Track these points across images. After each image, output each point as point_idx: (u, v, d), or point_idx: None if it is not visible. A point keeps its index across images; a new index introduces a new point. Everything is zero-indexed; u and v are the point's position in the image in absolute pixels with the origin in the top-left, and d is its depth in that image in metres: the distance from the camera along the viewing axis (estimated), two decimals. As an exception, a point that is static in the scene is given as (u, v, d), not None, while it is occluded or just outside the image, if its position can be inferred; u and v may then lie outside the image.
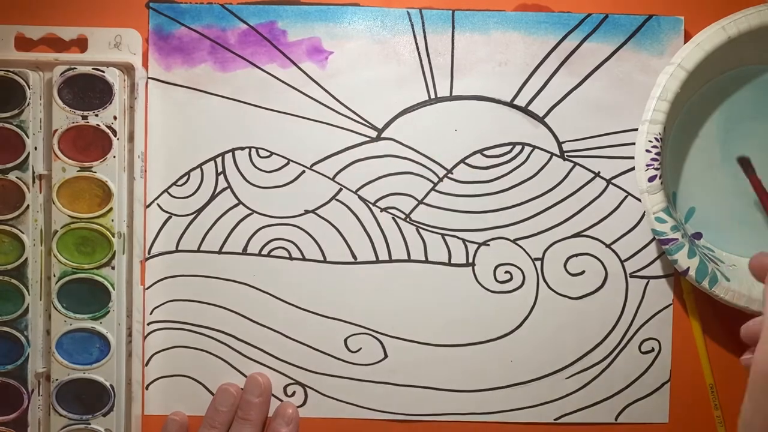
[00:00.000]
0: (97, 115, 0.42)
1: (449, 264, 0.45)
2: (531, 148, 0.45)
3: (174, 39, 0.44)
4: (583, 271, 0.45)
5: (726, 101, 0.45)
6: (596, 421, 0.45)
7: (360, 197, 0.45)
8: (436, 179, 0.45)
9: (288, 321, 0.45)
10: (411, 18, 0.45)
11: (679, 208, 0.45)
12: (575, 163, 0.45)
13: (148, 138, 0.45)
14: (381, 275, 0.45)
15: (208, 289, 0.45)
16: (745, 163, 0.45)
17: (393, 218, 0.45)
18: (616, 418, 0.45)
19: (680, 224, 0.43)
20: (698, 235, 0.45)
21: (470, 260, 0.45)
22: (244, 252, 0.45)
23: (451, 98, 0.45)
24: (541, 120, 0.45)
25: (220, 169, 0.45)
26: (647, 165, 0.41)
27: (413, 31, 0.45)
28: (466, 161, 0.45)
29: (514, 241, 0.45)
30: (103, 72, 0.42)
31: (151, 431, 0.45)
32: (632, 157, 0.44)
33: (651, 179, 0.41)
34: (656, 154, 0.41)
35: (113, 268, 0.43)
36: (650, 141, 0.41)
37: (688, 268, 0.42)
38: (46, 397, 0.44)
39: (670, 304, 0.45)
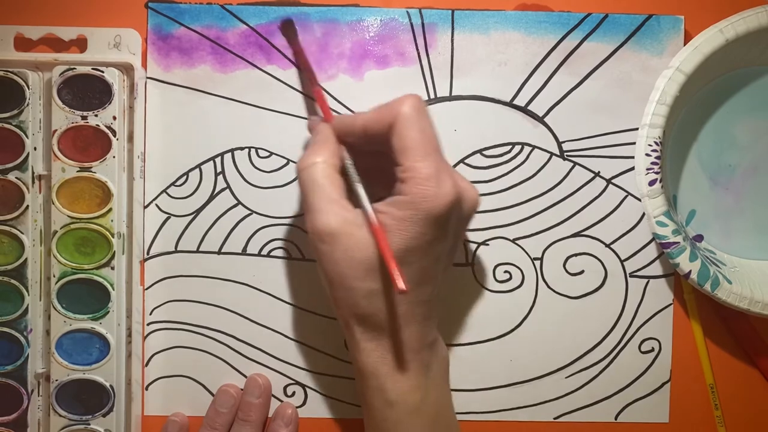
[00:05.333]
0: (96, 116, 0.42)
1: (449, 264, 0.45)
2: (531, 148, 0.45)
3: (173, 39, 0.44)
4: (583, 271, 0.45)
5: (725, 103, 0.45)
6: (596, 420, 0.45)
7: (360, 197, 0.45)
8: (435, 179, 0.45)
9: (288, 321, 0.45)
10: (411, 18, 0.44)
11: (679, 210, 0.45)
12: (575, 163, 0.45)
13: (147, 138, 0.44)
14: (381, 275, 0.45)
15: (207, 289, 0.45)
16: (288, 28, 0.43)
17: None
18: (615, 418, 0.45)
19: (681, 227, 0.43)
20: (699, 238, 0.45)
21: (470, 260, 0.45)
22: (244, 252, 0.45)
23: (451, 98, 0.45)
24: (540, 120, 0.45)
25: (219, 170, 0.45)
26: (647, 169, 0.41)
27: (413, 31, 0.44)
28: (466, 161, 0.45)
29: (513, 241, 0.45)
30: (103, 72, 0.42)
31: None
32: (632, 157, 0.44)
33: (651, 183, 0.41)
34: (656, 157, 0.41)
35: (113, 268, 0.43)
36: (650, 145, 0.41)
37: (690, 271, 0.42)
38: (45, 398, 0.44)
39: (670, 304, 0.45)
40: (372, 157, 0.38)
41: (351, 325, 0.37)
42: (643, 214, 0.45)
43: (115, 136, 0.42)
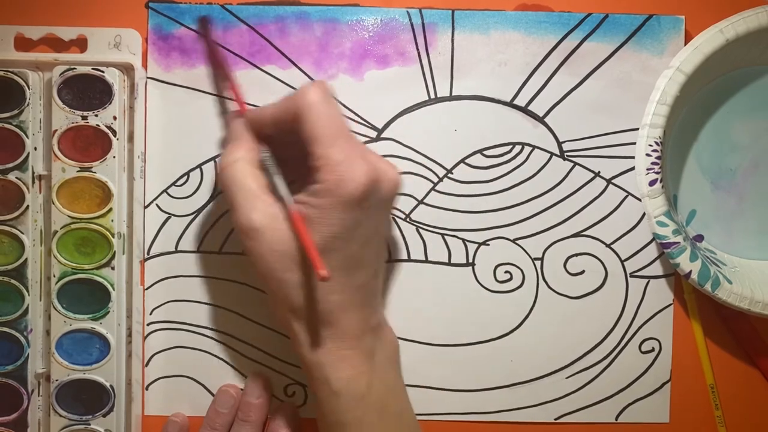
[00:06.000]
0: (96, 116, 0.42)
1: (449, 264, 0.45)
2: (531, 148, 0.45)
3: (174, 39, 0.44)
4: (583, 271, 0.45)
5: (725, 103, 0.45)
6: (596, 420, 0.45)
7: (360, 197, 0.45)
8: (436, 179, 0.45)
9: (288, 321, 0.45)
10: (411, 18, 0.44)
11: (680, 210, 0.45)
12: (575, 163, 0.45)
13: (147, 138, 0.44)
14: (381, 275, 0.45)
15: (207, 289, 0.45)
16: (204, 24, 0.43)
17: (393, 218, 0.45)
18: (616, 418, 0.45)
19: (681, 227, 0.43)
20: (700, 238, 0.45)
21: (470, 260, 0.45)
22: (244, 252, 0.45)
23: (451, 98, 0.45)
24: (540, 120, 0.45)
25: (219, 170, 0.45)
26: (647, 169, 0.42)
27: (413, 31, 0.44)
28: (466, 161, 0.45)
29: (513, 241, 0.45)
30: (103, 72, 0.42)
31: None
32: (632, 157, 0.44)
33: (652, 183, 0.42)
34: (656, 158, 0.41)
35: (113, 268, 0.43)
36: (650, 145, 0.41)
37: (690, 271, 0.42)
38: (45, 398, 0.44)
39: (671, 304, 0.45)
40: (291, 147, 0.38)
41: (288, 319, 0.38)
42: (644, 214, 0.45)
43: (115, 136, 0.42)
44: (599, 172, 0.45)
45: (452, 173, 0.45)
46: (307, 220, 0.36)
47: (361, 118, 0.45)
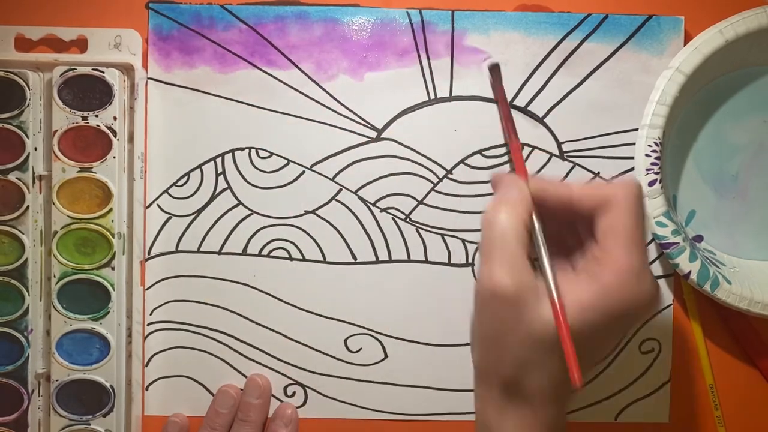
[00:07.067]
0: (97, 116, 0.42)
1: (449, 264, 0.45)
2: (530, 149, 0.45)
3: (174, 39, 0.44)
4: (583, 271, 0.45)
5: (725, 103, 0.45)
6: (596, 420, 0.45)
7: (360, 197, 0.45)
8: (435, 179, 0.45)
9: (288, 321, 0.45)
10: (411, 18, 0.44)
11: (679, 211, 0.45)
12: (575, 164, 0.45)
13: (147, 139, 0.45)
14: (381, 275, 0.45)
15: (208, 289, 0.45)
16: (495, 71, 0.44)
17: (393, 218, 0.45)
18: (616, 418, 0.45)
19: (681, 228, 0.43)
20: (699, 238, 0.45)
21: (470, 260, 0.45)
22: (244, 252, 0.45)
23: (451, 98, 0.45)
24: (540, 120, 0.45)
25: (220, 170, 0.45)
26: (647, 169, 0.42)
27: (413, 32, 0.44)
28: (466, 161, 0.45)
29: (514, 241, 0.45)
30: (103, 73, 0.42)
31: (151, 432, 0.45)
32: (632, 158, 0.44)
33: (651, 183, 0.42)
34: (656, 158, 0.41)
35: (113, 268, 0.43)
36: (650, 145, 0.41)
37: (690, 271, 0.42)
38: (46, 398, 0.44)
39: (670, 304, 0.45)
40: (549, 225, 0.37)
41: (492, 383, 0.36)
42: (643, 215, 0.45)
43: (115, 136, 0.43)
44: (599, 172, 0.45)
45: (452, 174, 0.45)
46: (566, 312, 0.33)
47: (361, 119, 0.45)
